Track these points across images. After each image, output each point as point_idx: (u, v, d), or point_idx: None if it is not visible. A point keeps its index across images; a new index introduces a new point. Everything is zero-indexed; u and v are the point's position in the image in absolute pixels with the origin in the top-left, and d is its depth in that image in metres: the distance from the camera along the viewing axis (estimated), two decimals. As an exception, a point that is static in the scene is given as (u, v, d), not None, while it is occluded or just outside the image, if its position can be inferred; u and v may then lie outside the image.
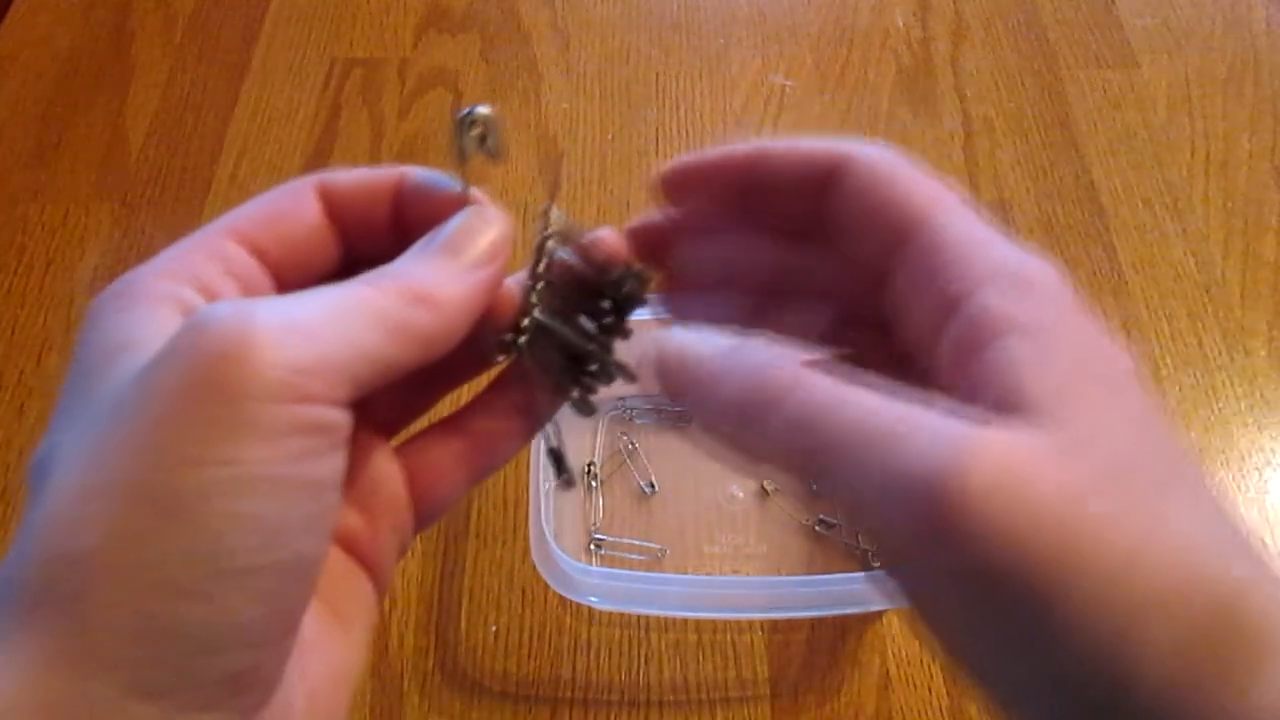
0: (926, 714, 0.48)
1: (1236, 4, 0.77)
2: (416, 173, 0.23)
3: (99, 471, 0.16)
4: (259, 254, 0.22)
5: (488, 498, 0.54)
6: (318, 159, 0.68)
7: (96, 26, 0.75)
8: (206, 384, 0.16)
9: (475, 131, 0.22)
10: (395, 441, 0.24)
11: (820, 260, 0.25)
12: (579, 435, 0.56)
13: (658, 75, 0.73)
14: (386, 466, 0.23)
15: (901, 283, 0.21)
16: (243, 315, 0.17)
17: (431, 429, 0.24)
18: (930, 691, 0.49)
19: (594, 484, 0.55)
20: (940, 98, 0.72)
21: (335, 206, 0.23)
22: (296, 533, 0.17)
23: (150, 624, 0.16)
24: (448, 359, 0.21)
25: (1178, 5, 0.77)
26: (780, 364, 0.19)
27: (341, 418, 0.18)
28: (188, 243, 0.21)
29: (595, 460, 0.55)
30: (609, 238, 0.25)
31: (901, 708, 0.48)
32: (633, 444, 0.56)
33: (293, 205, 0.22)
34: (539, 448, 0.48)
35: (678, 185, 0.25)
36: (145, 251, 0.63)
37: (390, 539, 0.23)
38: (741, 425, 0.19)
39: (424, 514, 0.23)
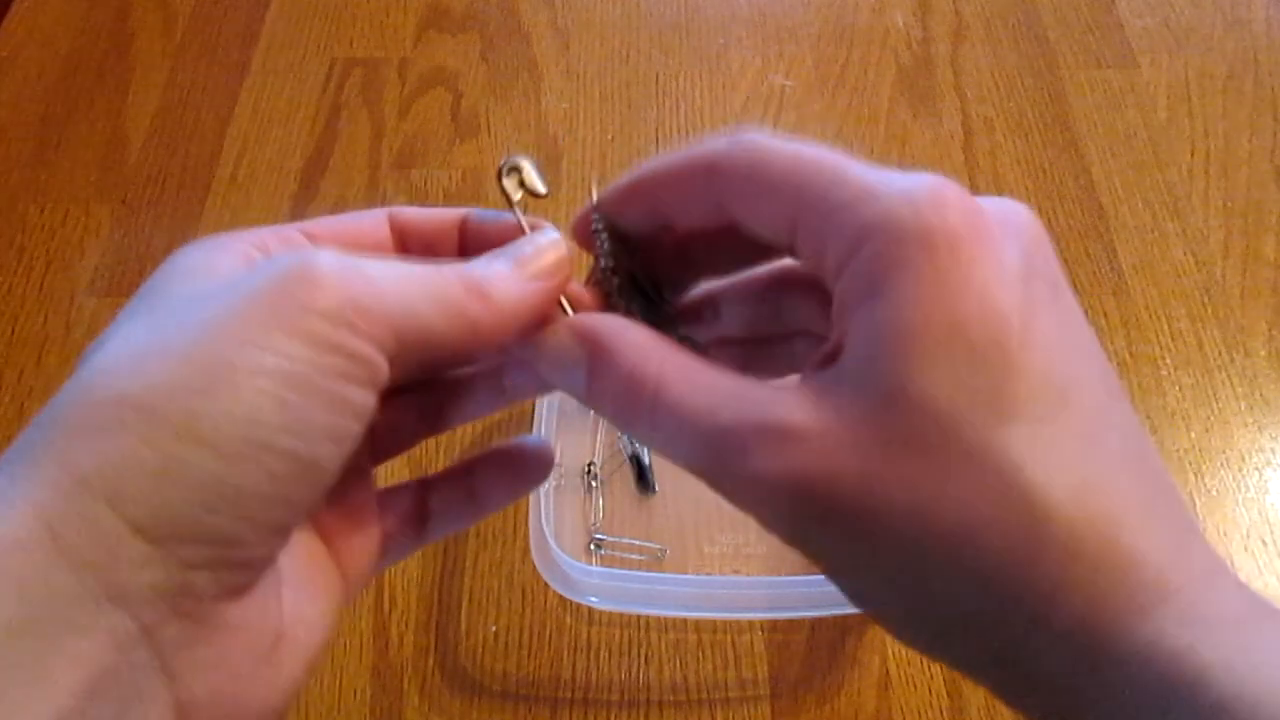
0: (926, 714, 0.48)
1: (1236, 4, 0.77)
2: (481, 210, 0.25)
3: (158, 338, 0.18)
4: None
5: (488, 498, 0.54)
6: (318, 159, 0.68)
7: (96, 26, 0.75)
8: (276, 292, 0.19)
9: (513, 178, 0.24)
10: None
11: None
12: (579, 435, 0.56)
13: (658, 75, 0.73)
14: (369, 492, 0.25)
15: (804, 262, 0.22)
16: (318, 254, 0.19)
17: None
18: (930, 691, 0.49)
19: (594, 484, 0.55)
20: (940, 98, 0.72)
21: (405, 235, 0.25)
22: (318, 436, 0.19)
23: (172, 467, 0.17)
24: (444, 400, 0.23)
25: (1178, 5, 0.77)
26: (644, 368, 0.21)
27: (380, 360, 0.20)
28: (262, 228, 0.23)
29: (595, 460, 0.55)
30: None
31: (901, 708, 0.48)
32: (633, 444, 0.56)
33: (365, 225, 0.25)
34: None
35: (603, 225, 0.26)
36: (145, 251, 0.63)
37: (362, 551, 0.24)
38: (624, 424, 0.22)
39: (391, 557, 0.25)
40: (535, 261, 0.23)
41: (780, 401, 0.19)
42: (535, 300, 0.23)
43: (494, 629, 0.50)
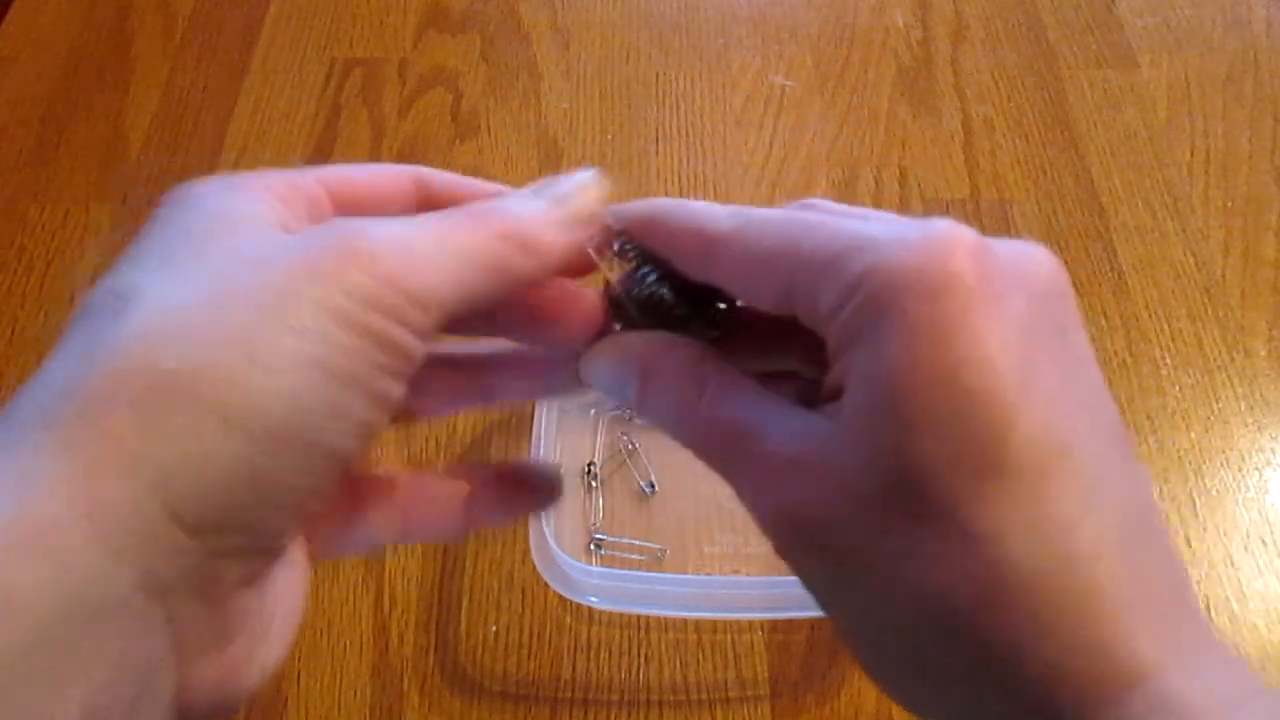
0: (926, 714, 0.48)
1: (1236, 4, 0.77)
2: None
3: (202, 309, 0.18)
4: (340, 210, 0.22)
5: (488, 498, 0.54)
6: (318, 159, 0.68)
7: (96, 26, 0.75)
8: (324, 276, 0.18)
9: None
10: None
11: None
12: (579, 435, 0.56)
13: (658, 75, 0.73)
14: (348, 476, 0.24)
15: (801, 318, 0.22)
16: (365, 234, 0.19)
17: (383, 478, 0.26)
18: (930, 691, 0.49)
19: (594, 484, 0.55)
20: (940, 98, 0.72)
21: (430, 200, 0.24)
22: (356, 430, 0.19)
23: (220, 459, 0.17)
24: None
25: (1178, 5, 0.77)
26: (693, 390, 0.22)
27: (420, 352, 0.19)
28: (272, 172, 0.22)
29: (595, 460, 0.55)
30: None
31: (902, 708, 0.48)
32: (633, 444, 0.56)
33: (387, 182, 0.23)
34: (538, 451, 0.48)
35: None
36: (145, 251, 0.63)
37: (333, 537, 0.24)
38: (671, 422, 0.22)
39: (357, 540, 0.25)
40: (576, 201, 0.22)
41: (790, 434, 0.20)
42: (575, 244, 0.22)
43: (494, 629, 0.50)
